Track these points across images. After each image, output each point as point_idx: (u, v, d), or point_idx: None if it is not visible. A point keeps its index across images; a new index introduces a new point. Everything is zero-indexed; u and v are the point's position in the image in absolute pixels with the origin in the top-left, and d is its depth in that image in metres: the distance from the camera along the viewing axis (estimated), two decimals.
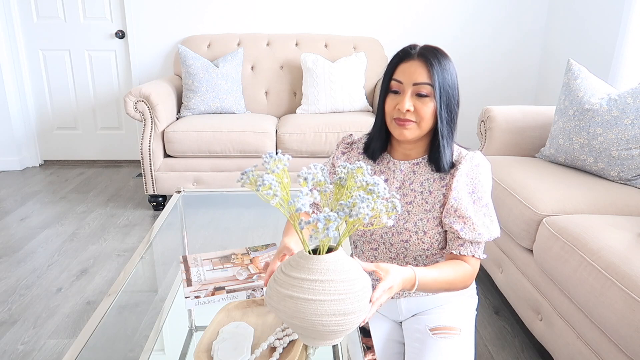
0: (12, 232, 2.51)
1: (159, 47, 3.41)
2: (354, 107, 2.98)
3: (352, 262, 0.77)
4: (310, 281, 0.72)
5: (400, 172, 1.07)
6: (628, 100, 1.65)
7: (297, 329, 0.75)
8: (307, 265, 0.74)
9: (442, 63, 0.98)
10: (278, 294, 0.74)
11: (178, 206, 1.58)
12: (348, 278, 0.73)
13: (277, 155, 0.77)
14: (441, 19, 3.36)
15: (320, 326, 0.72)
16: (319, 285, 0.72)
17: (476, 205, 1.00)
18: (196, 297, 1.01)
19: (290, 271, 0.75)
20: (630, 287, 1.09)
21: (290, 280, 0.74)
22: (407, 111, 0.98)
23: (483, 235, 0.99)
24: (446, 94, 0.98)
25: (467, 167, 1.02)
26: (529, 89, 3.52)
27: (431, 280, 0.92)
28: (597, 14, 2.80)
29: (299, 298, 0.72)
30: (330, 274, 0.73)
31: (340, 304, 0.71)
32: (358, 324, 0.76)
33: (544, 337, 1.47)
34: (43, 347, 1.63)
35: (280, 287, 0.74)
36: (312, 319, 0.71)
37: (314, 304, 0.71)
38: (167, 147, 2.66)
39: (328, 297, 0.71)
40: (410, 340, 1.09)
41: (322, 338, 0.76)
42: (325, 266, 0.73)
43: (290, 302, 0.72)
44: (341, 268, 0.74)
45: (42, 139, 3.66)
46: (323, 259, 0.74)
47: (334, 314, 0.71)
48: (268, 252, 1.19)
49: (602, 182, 1.68)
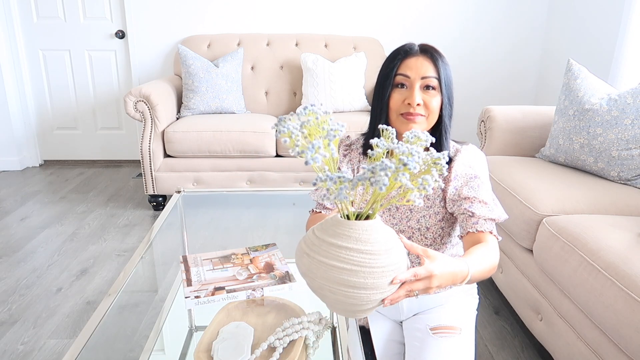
0: (12, 232, 2.51)
1: (159, 47, 3.41)
2: (354, 107, 2.98)
3: (387, 233, 0.72)
4: (328, 244, 0.69)
5: None
6: (628, 100, 1.64)
7: (312, 289, 0.74)
8: (334, 228, 0.71)
9: (443, 59, 1.02)
10: (300, 249, 0.74)
11: (178, 206, 1.58)
12: (371, 250, 0.68)
13: (311, 106, 0.71)
14: (441, 19, 3.36)
15: (329, 292, 0.70)
16: (336, 251, 0.68)
17: (480, 189, 1.01)
18: (196, 297, 1.01)
19: (318, 230, 0.73)
20: (630, 287, 1.09)
21: (314, 239, 0.72)
22: (417, 105, 0.98)
23: (494, 210, 0.99)
24: (448, 88, 1.01)
25: (464, 158, 1.04)
26: (529, 89, 3.52)
27: (480, 271, 0.85)
28: (597, 14, 2.80)
29: (314, 258, 0.70)
30: (351, 242, 0.68)
31: (353, 275, 0.67)
32: (374, 304, 0.71)
33: (544, 337, 1.47)
34: (43, 347, 1.63)
35: (304, 243, 0.74)
36: (321, 281, 0.70)
37: (325, 267, 0.69)
38: (167, 147, 2.66)
39: (342, 265, 0.68)
40: (410, 340, 1.09)
41: (335, 305, 0.73)
42: (348, 232, 0.69)
43: (306, 259, 0.71)
44: (367, 238, 0.69)
45: (42, 139, 3.66)
46: (349, 225, 0.70)
47: (343, 284, 0.68)
48: (268, 252, 1.19)
49: (602, 182, 1.68)
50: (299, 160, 2.66)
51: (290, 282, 1.06)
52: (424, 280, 0.73)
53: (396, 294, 0.72)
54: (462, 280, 0.80)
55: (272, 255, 1.18)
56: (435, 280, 0.74)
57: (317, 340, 0.94)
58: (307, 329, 0.93)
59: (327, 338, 0.99)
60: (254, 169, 2.70)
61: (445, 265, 0.76)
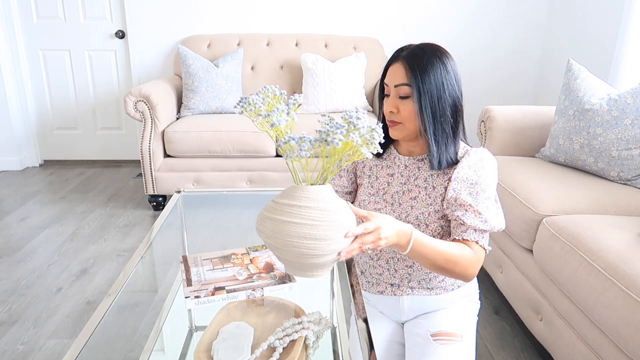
0: (12, 232, 2.51)
1: (159, 47, 3.41)
2: (354, 107, 2.98)
3: (338, 199, 0.84)
4: (289, 206, 0.81)
5: (405, 167, 1.09)
6: (628, 100, 1.64)
7: (275, 250, 0.83)
8: (292, 193, 0.83)
9: (425, 63, 0.98)
10: (262, 216, 0.84)
11: (178, 206, 1.58)
12: (326, 208, 0.80)
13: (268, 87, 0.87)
14: (441, 18, 3.36)
15: (292, 247, 0.79)
16: (297, 210, 0.80)
17: (479, 197, 0.99)
18: (196, 297, 1.01)
19: (277, 198, 0.84)
20: (630, 287, 1.09)
21: (274, 205, 0.83)
22: (390, 112, 1.01)
23: (488, 221, 0.98)
24: (429, 93, 0.98)
25: (470, 161, 1.02)
26: (529, 89, 3.52)
27: (429, 247, 0.91)
28: (597, 14, 2.80)
29: (277, 219, 0.80)
30: (309, 202, 0.80)
31: (313, 228, 0.78)
32: (332, 256, 0.81)
33: (544, 337, 1.47)
34: (43, 347, 1.63)
35: (265, 211, 0.84)
36: (285, 239, 0.79)
37: (289, 225, 0.79)
38: (167, 147, 2.66)
39: (302, 221, 0.78)
40: (410, 345, 1.09)
41: (297, 261, 0.82)
42: (306, 194, 0.81)
43: (269, 223, 0.81)
44: (322, 199, 0.81)
45: (42, 139, 3.66)
46: (306, 189, 0.82)
47: (305, 237, 0.78)
48: (268, 252, 1.19)
49: (602, 182, 1.68)
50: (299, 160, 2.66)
51: (290, 282, 1.06)
52: (374, 232, 0.83)
53: (350, 247, 0.81)
54: (407, 241, 0.88)
55: (272, 255, 1.18)
56: (382, 231, 0.84)
57: (317, 340, 0.94)
58: (307, 329, 0.93)
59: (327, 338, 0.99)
60: (254, 169, 2.70)
61: (390, 220, 0.87)
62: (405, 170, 1.09)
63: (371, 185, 1.13)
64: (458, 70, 1.02)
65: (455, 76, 1.01)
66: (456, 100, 1.01)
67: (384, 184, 1.12)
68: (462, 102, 1.03)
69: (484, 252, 1.01)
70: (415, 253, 0.91)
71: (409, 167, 1.09)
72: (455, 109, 1.01)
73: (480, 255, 1.00)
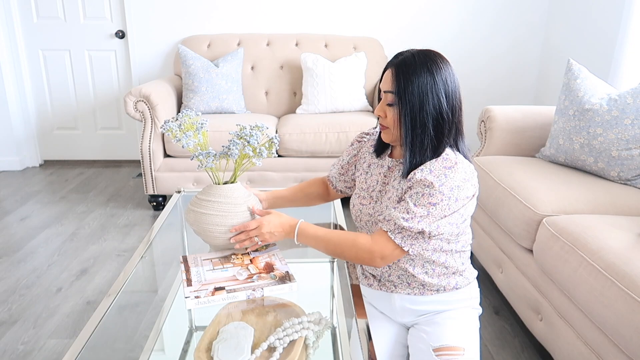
0: (12, 232, 2.51)
1: (159, 47, 3.41)
2: (354, 107, 2.98)
3: (245, 195, 1.14)
4: (206, 201, 1.11)
5: (387, 168, 1.12)
6: (628, 100, 1.64)
7: (198, 234, 1.14)
8: (209, 190, 1.13)
9: (410, 73, 0.96)
10: (188, 209, 1.15)
11: (178, 206, 1.58)
12: (233, 202, 1.11)
13: (187, 111, 1.19)
14: (441, 18, 3.36)
15: (209, 232, 1.11)
16: (211, 204, 1.11)
17: (422, 199, 0.96)
18: (196, 297, 1.01)
19: (199, 194, 1.15)
20: (630, 287, 1.09)
21: (196, 200, 1.13)
22: (378, 117, 1.05)
23: (410, 221, 0.95)
24: (410, 103, 0.97)
25: (435, 165, 0.97)
26: (529, 89, 3.52)
27: (313, 236, 1.07)
28: (597, 13, 2.80)
29: (197, 212, 1.11)
30: (220, 198, 1.11)
31: (223, 218, 1.10)
32: None
33: (544, 337, 1.47)
34: (43, 347, 1.63)
35: (190, 204, 1.15)
36: (203, 226, 1.11)
37: (205, 216, 1.10)
38: (167, 147, 2.66)
39: (214, 212, 1.10)
40: (414, 357, 1.09)
41: (213, 243, 1.15)
42: (219, 192, 1.12)
43: (192, 214, 1.12)
44: (230, 195, 1.12)
45: (42, 139, 3.66)
46: (219, 187, 1.13)
47: (217, 224, 1.10)
48: (268, 252, 1.19)
49: (602, 182, 1.68)
50: (299, 160, 2.68)
51: (290, 282, 1.06)
52: (257, 228, 1.09)
53: (238, 237, 1.10)
54: (291, 228, 1.09)
55: (272, 255, 1.18)
56: (264, 227, 1.08)
57: (317, 340, 0.94)
58: (307, 329, 0.93)
59: (327, 338, 0.99)
60: (254, 169, 2.70)
61: (274, 218, 1.10)
62: (388, 171, 1.12)
63: (365, 180, 1.17)
64: (454, 80, 0.99)
65: (446, 87, 0.97)
66: (442, 113, 0.97)
67: (374, 181, 1.15)
68: (458, 113, 1.00)
69: (395, 247, 0.99)
70: (304, 241, 1.09)
71: (391, 169, 1.11)
72: (440, 121, 0.98)
73: (382, 245, 0.99)
